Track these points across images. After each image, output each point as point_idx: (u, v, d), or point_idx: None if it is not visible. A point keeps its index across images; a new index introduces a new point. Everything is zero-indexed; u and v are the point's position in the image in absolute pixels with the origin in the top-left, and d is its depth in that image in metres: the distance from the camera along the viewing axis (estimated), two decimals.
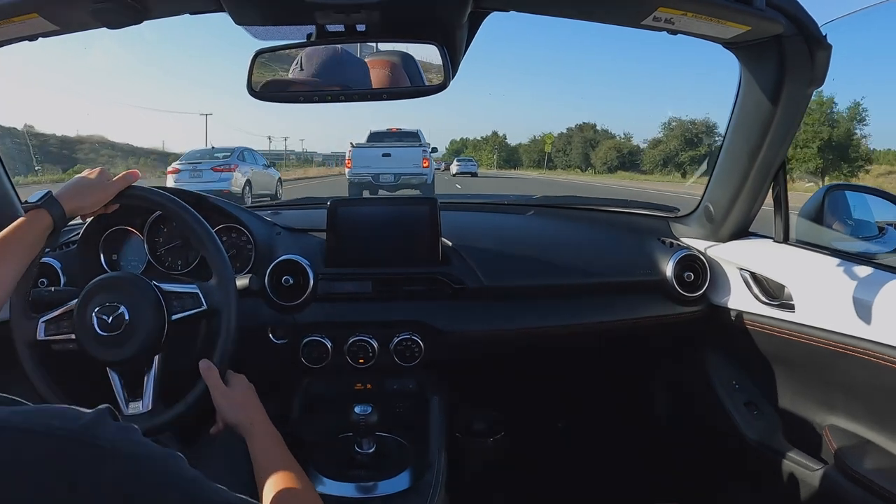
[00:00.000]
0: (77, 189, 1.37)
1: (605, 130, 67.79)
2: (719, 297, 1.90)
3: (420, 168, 15.91)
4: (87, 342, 1.39)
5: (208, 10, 1.34)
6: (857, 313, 1.44)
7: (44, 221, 1.30)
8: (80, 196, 1.37)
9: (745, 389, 1.90)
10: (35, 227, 1.29)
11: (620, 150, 62.54)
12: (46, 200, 1.31)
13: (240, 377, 1.42)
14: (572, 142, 68.61)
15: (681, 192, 19.75)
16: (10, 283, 1.25)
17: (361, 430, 1.52)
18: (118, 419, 0.71)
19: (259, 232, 1.83)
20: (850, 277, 1.50)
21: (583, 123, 70.00)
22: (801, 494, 1.66)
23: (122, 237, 1.80)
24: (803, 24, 1.40)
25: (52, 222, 1.31)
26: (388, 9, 1.26)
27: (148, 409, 1.42)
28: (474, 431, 2.24)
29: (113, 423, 0.70)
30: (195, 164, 15.84)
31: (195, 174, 15.45)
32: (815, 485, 1.61)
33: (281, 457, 1.23)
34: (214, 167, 15.67)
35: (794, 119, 1.62)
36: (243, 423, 1.29)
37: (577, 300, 1.92)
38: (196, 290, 1.45)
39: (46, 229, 1.31)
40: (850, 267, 1.54)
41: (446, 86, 1.38)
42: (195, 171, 15.59)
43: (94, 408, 0.71)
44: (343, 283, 1.82)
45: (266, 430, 1.29)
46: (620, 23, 1.43)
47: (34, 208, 1.30)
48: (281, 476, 1.15)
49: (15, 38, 1.38)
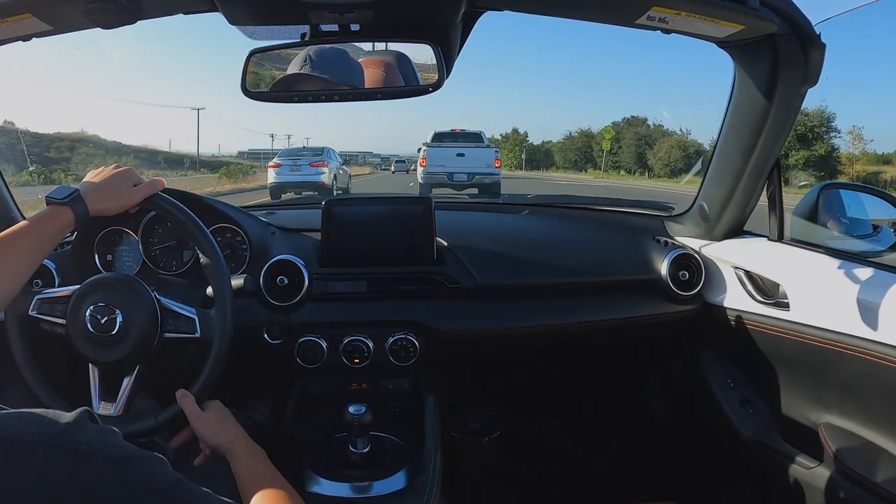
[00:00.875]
0: (105, 191, 1.36)
1: (658, 125, 54.87)
2: (714, 295, 1.91)
3: (492, 168, 16.74)
4: (76, 335, 1.40)
5: (202, 10, 1.34)
6: (851, 311, 1.44)
7: (66, 219, 1.28)
8: (106, 198, 1.35)
9: (740, 388, 1.91)
10: (56, 223, 1.28)
11: (686, 149, 48.53)
12: (73, 199, 1.29)
13: (213, 402, 1.42)
14: (622, 139, 55.42)
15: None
16: (23, 276, 1.25)
17: (356, 429, 1.52)
18: (97, 422, 0.71)
19: (254, 232, 1.83)
20: (845, 276, 1.51)
21: (631, 117, 57.51)
22: (796, 492, 1.66)
23: (116, 237, 1.80)
24: (797, 23, 1.40)
25: (75, 221, 1.29)
26: (381, 8, 1.26)
27: (118, 413, 1.43)
28: (470, 431, 2.24)
29: (92, 426, 0.69)
30: (294, 160, 18.82)
31: (294, 168, 18.37)
32: (810, 482, 1.62)
33: (263, 471, 1.24)
34: (311, 162, 18.62)
35: (788, 118, 1.62)
36: (222, 443, 1.30)
37: (572, 299, 1.92)
38: (194, 316, 1.45)
39: (67, 227, 1.29)
40: (845, 265, 1.54)
41: (440, 85, 1.38)
42: (294, 165, 18.50)
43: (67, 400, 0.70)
44: (338, 282, 1.82)
45: (245, 447, 1.30)
46: (614, 22, 1.43)
47: (59, 204, 1.28)
48: (265, 490, 1.15)
49: (8, 38, 1.37)
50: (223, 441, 1.30)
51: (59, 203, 1.28)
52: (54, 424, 0.67)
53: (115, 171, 1.40)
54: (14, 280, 1.22)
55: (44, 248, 1.28)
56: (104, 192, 1.35)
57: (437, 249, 1.87)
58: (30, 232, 1.24)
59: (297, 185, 17.98)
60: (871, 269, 1.48)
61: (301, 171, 18.27)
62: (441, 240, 1.89)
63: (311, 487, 1.48)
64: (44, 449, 0.64)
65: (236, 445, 1.28)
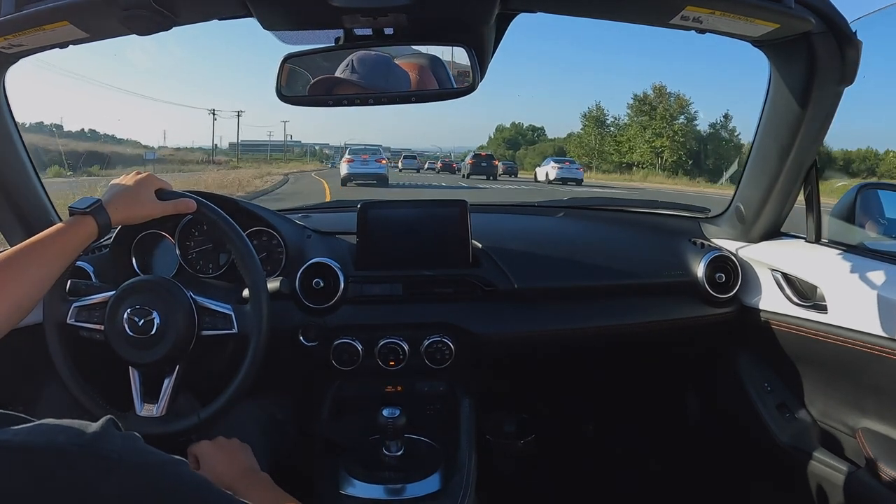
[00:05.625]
0: (127, 202, 1.36)
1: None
2: (751, 298, 1.88)
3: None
4: (115, 339, 1.41)
5: (237, 16, 1.35)
6: (890, 314, 1.42)
7: (88, 229, 1.29)
8: (128, 208, 1.36)
9: (777, 392, 1.88)
10: (79, 234, 1.28)
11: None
12: (95, 209, 1.30)
13: (214, 445, 1.41)
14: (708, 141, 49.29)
15: None
16: (45, 286, 1.25)
17: (389, 432, 1.53)
18: (121, 429, 0.71)
19: (289, 235, 1.84)
20: (884, 278, 1.49)
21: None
22: (834, 498, 1.64)
23: (153, 241, 1.82)
24: (833, 20, 1.39)
25: (97, 231, 1.30)
26: (415, 12, 1.26)
27: (161, 413, 1.44)
28: (504, 434, 2.24)
29: (118, 434, 0.70)
30: (359, 156, 23.75)
31: (364, 163, 23.32)
32: (848, 488, 1.59)
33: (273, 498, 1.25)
34: (377, 159, 23.70)
35: (824, 117, 1.60)
36: (231, 487, 1.29)
37: (607, 302, 1.91)
38: (230, 312, 1.46)
39: (90, 237, 1.30)
40: (884, 267, 1.52)
41: (475, 88, 1.38)
42: (363, 161, 23.39)
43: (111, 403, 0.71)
44: (373, 285, 1.83)
45: (252, 481, 1.31)
46: (648, 22, 1.43)
47: (82, 214, 1.29)
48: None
49: (46, 45, 1.39)
50: (230, 485, 1.29)
51: (81, 213, 1.29)
52: (82, 434, 0.67)
53: (137, 179, 1.40)
54: (38, 288, 1.23)
55: (67, 257, 1.29)
56: (126, 202, 1.36)
57: (473, 252, 1.87)
58: (54, 241, 1.25)
59: (367, 175, 22.97)
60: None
61: (369, 165, 23.14)
62: (476, 242, 1.89)
63: (346, 489, 1.49)
64: (73, 458, 0.65)
65: (239, 488, 1.28)
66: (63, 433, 0.67)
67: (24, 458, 0.64)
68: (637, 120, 55.35)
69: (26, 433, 0.66)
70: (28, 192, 1.75)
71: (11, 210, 1.73)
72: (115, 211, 1.33)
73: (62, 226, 1.28)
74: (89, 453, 0.66)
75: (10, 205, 1.72)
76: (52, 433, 0.67)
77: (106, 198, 1.35)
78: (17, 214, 1.74)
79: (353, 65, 1.40)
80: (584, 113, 62.75)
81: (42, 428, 0.67)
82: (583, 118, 62.03)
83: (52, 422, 0.68)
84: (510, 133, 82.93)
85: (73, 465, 0.65)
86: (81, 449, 0.66)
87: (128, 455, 0.68)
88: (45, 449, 0.65)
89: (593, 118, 60.80)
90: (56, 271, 1.27)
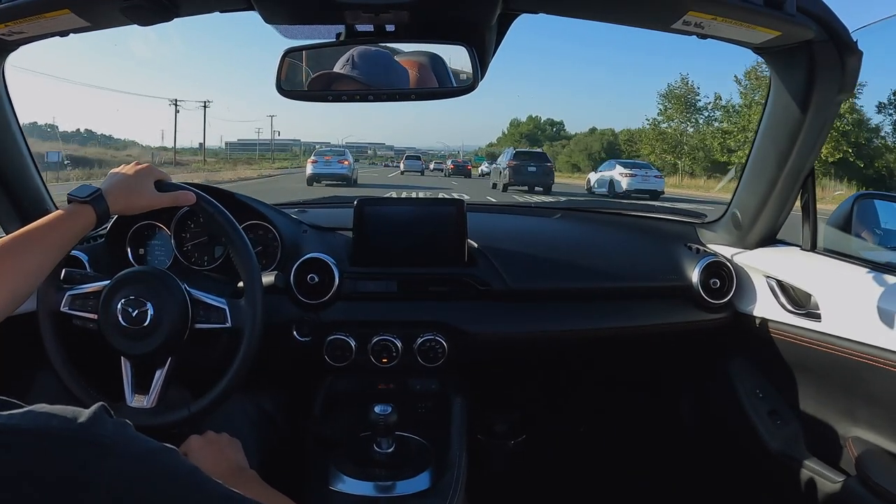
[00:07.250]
0: (127, 192, 1.36)
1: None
2: (745, 304, 1.89)
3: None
4: (108, 329, 1.41)
5: (238, 9, 1.35)
6: (884, 324, 1.42)
7: (87, 218, 1.29)
8: (127, 199, 1.36)
9: (769, 398, 1.88)
10: (78, 222, 1.28)
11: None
12: (95, 197, 1.30)
13: (203, 440, 1.37)
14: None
15: None
16: (42, 274, 1.25)
17: (380, 429, 1.52)
18: (112, 416, 0.71)
19: (285, 229, 1.84)
20: (878, 288, 1.49)
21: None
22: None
23: (149, 232, 1.82)
24: (834, 29, 1.39)
25: (96, 220, 1.30)
26: (416, 9, 1.27)
27: (152, 405, 1.44)
28: (496, 433, 2.24)
29: (110, 420, 0.69)
30: (322, 157, 25.82)
31: (327, 163, 25.24)
32: (838, 496, 1.59)
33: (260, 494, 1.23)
34: (339, 159, 25.75)
35: (823, 126, 1.60)
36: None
37: (602, 304, 1.92)
38: (224, 306, 1.46)
39: (88, 226, 1.30)
40: (879, 277, 1.52)
41: (475, 87, 1.38)
42: (327, 162, 25.39)
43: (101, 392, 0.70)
44: (368, 282, 1.83)
45: (239, 480, 1.29)
46: (650, 26, 1.43)
47: (81, 202, 1.29)
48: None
49: (46, 33, 1.39)
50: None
51: (80, 201, 1.29)
52: (75, 419, 0.67)
53: (136, 170, 1.40)
54: (35, 276, 1.23)
55: (65, 246, 1.28)
56: (125, 192, 1.36)
57: (469, 251, 1.87)
58: (53, 229, 1.25)
59: (330, 175, 24.88)
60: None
61: (331, 166, 25.08)
62: (472, 242, 1.89)
63: (335, 485, 1.49)
64: (66, 442, 0.65)
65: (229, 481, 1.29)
66: (56, 418, 0.66)
67: (15, 441, 0.63)
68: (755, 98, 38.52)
69: (19, 417, 0.66)
70: (25, 179, 1.75)
71: (8, 197, 1.73)
72: (114, 200, 1.33)
73: (61, 213, 1.28)
74: (82, 438, 0.65)
75: (7, 192, 1.72)
76: (45, 417, 0.66)
77: (105, 187, 1.35)
78: (13, 202, 1.74)
79: (354, 60, 1.40)
80: (661, 92, 47.85)
81: (34, 413, 0.67)
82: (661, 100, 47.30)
83: (45, 407, 0.68)
84: (527, 128, 77.59)
85: (66, 450, 0.64)
86: (74, 433, 0.65)
87: (121, 441, 0.68)
88: (37, 433, 0.64)
89: (677, 98, 46.41)
90: (53, 260, 1.27)
